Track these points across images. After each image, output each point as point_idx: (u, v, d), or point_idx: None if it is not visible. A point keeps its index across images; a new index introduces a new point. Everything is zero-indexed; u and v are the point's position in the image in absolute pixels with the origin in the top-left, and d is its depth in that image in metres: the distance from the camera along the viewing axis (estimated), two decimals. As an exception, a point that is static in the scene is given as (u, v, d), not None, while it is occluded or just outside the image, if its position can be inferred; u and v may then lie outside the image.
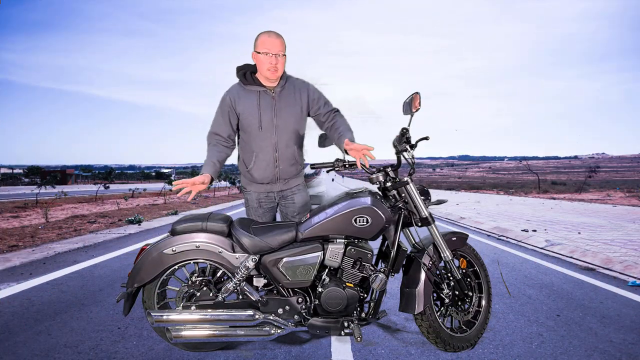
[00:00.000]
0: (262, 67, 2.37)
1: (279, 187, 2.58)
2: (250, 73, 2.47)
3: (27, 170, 46.38)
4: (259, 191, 2.57)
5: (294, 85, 2.53)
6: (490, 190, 30.95)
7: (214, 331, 2.21)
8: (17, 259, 4.97)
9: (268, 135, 2.45)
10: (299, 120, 2.53)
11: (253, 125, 2.44)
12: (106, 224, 8.68)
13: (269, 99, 2.45)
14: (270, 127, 2.45)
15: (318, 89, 2.60)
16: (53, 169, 75.18)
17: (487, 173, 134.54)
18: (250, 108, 2.44)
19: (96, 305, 3.27)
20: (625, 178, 70.90)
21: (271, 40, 2.36)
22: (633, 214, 10.43)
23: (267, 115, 2.44)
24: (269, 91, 2.46)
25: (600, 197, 19.57)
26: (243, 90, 2.47)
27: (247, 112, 2.44)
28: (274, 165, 2.49)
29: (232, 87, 2.50)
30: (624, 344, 2.57)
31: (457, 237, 2.53)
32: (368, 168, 2.36)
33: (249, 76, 2.46)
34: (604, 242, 6.01)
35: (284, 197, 2.61)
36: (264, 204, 2.59)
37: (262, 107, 2.44)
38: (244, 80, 2.46)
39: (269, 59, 2.34)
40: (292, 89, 2.51)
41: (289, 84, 2.52)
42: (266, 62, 2.35)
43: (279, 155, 2.49)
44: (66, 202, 16.60)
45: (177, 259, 2.27)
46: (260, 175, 2.50)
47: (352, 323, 2.28)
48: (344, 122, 2.56)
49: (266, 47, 2.34)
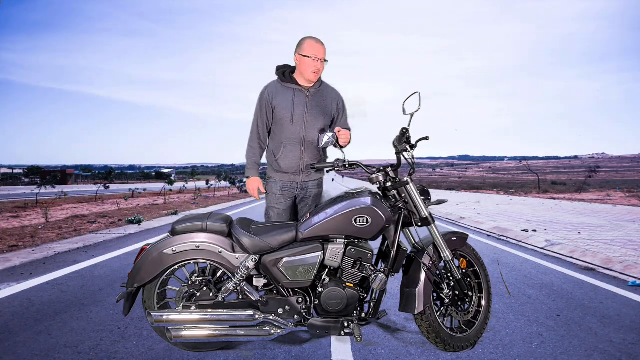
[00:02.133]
0: (307, 69, 2.58)
1: (302, 178, 2.72)
2: (289, 72, 2.67)
3: (27, 170, 46.39)
4: (284, 180, 2.71)
5: (328, 91, 2.75)
6: (490, 190, 30.96)
7: (214, 331, 2.21)
8: (17, 259, 4.97)
9: (298, 128, 2.63)
10: (327, 121, 2.72)
11: (285, 118, 2.63)
12: (106, 224, 8.68)
13: (303, 97, 2.65)
14: (301, 122, 2.63)
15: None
16: (53, 169, 75.17)
17: (487, 173, 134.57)
18: (284, 102, 2.63)
19: (96, 305, 3.27)
20: (625, 178, 70.90)
21: (318, 46, 2.57)
22: (633, 214, 10.43)
23: (299, 110, 2.63)
24: (304, 90, 2.65)
25: (600, 197, 19.58)
26: (280, 87, 2.67)
27: (281, 105, 2.63)
28: (300, 157, 2.66)
29: (271, 83, 2.72)
30: (624, 344, 2.57)
31: (457, 237, 2.53)
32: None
33: (287, 75, 2.67)
34: (604, 242, 6.01)
35: (304, 189, 2.75)
36: (286, 192, 2.72)
37: (296, 102, 2.63)
38: (282, 78, 2.67)
39: (314, 63, 2.56)
40: (326, 93, 2.73)
41: (324, 88, 2.73)
42: (311, 66, 2.56)
43: (305, 149, 2.66)
44: (66, 202, 16.60)
45: (177, 259, 2.27)
46: (286, 165, 2.67)
47: (352, 323, 2.28)
48: (346, 125, 2.79)
49: (313, 52, 2.55)
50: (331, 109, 2.73)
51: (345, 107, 2.83)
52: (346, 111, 2.83)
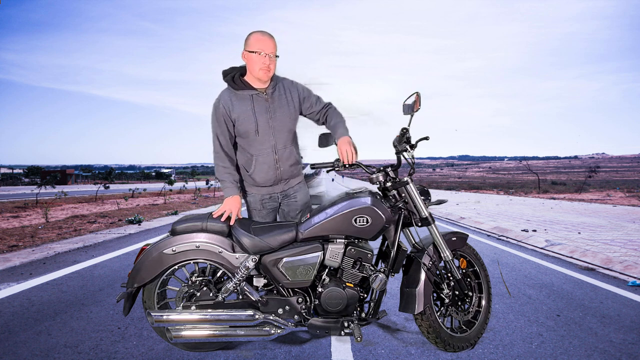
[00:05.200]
0: (254, 66, 2.33)
1: (281, 188, 2.57)
2: (239, 77, 2.41)
3: (27, 170, 46.39)
4: (262, 193, 2.55)
5: (284, 85, 2.51)
6: (490, 190, 30.96)
7: (214, 331, 2.21)
8: (17, 259, 4.97)
9: (266, 138, 2.43)
10: (293, 120, 2.52)
11: (250, 130, 2.40)
12: (106, 224, 8.68)
13: (263, 102, 2.42)
14: (267, 130, 2.42)
15: (307, 86, 2.60)
16: (53, 169, 75.14)
17: (487, 173, 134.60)
18: (244, 113, 2.39)
19: (96, 305, 3.27)
20: (625, 178, 70.92)
21: (264, 40, 2.32)
22: (633, 214, 10.43)
23: (262, 118, 2.40)
24: (261, 94, 2.42)
25: (600, 197, 19.58)
26: (235, 96, 2.41)
27: (242, 117, 2.39)
28: (275, 167, 2.48)
29: (222, 93, 2.44)
30: (624, 344, 2.57)
31: (457, 237, 2.53)
32: (346, 166, 2.36)
33: (237, 80, 2.40)
34: (604, 242, 6.01)
35: (287, 196, 2.61)
36: (267, 204, 2.58)
37: (257, 111, 2.40)
38: (233, 86, 2.40)
39: (262, 59, 2.31)
40: (283, 89, 2.49)
41: (279, 84, 2.50)
42: (259, 62, 2.31)
43: (279, 157, 2.47)
44: (66, 202, 16.60)
45: (177, 259, 2.27)
46: (262, 178, 2.48)
47: (352, 323, 2.28)
48: (336, 115, 2.55)
49: (259, 46, 2.31)
50: (294, 105, 2.50)
51: (308, 88, 2.56)
52: (312, 92, 2.57)
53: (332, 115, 2.55)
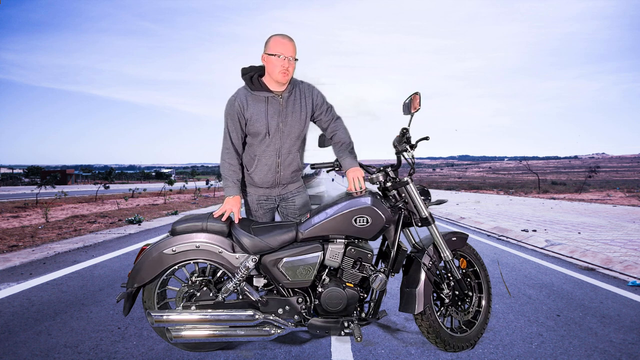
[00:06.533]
0: (274, 69, 2.33)
1: (278, 192, 2.57)
2: (257, 77, 2.42)
3: (27, 170, 46.41)
4: (259, 194, 2.56)
5: (300, 90, 2.50)
6: (490, 190, 30.96)
7: (214, 331, 2.21)
8: (17, 259, 4.97)
9: (273, 140, 2.44)
10: (304, 126, 2.51)
11: (260, 131, 2.41)
12: (106, 224, 8.67)
13: (277, 105, 2.41)
14: (276, 133, 2.43)
15: (321, 92, 2.58)
16: (53, 169, 75.16)
17: (487, 173, 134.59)
18: (257, 114, 2.40)
19: (96, 305, 3.27)
20: (625, 178, 70.91)
21: (285, 43, 2.33)
22: (633, 214, 10.43)
23: (274, 121, 2.41)
24: (277, 97, 2.42)
25: (600, 197, 19.58)
26: (251, 96, 2.42)
27: (254, 118, 2.40)
28: (276, 171, 2.48)
29: (239, 91, 2.45)
30: (624, 344, 2.57)
31: (457, 237, 2.53)
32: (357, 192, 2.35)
33: (255, 81, 2.41)
34: (604, 242, 6.01)
35: (284, 199, 2.61)
36: (264, 205, 2.58)
37: (270, 113, 2.40)
38: (251, 86, 2.41)
39: (282, 62, 2.31)
40: (299, 94, 2.49)
41: (296, 88, 2.49)
42: (278, 65, 2.31)
43: (281, 161, 2.48)
44: (66, 202, 16.60)
45: (177, 259, 2.27)
46: (260, 179, 2.49)
47: (352, 323, 2.28)
48: (344, 136, 2.53)
49: (280, 49, 2.31)
50: (307, 111, 2.49)
51: (324, 97, 2.55)
52: (326, 101, 2.56)
53: (340, 137, 2.53)
